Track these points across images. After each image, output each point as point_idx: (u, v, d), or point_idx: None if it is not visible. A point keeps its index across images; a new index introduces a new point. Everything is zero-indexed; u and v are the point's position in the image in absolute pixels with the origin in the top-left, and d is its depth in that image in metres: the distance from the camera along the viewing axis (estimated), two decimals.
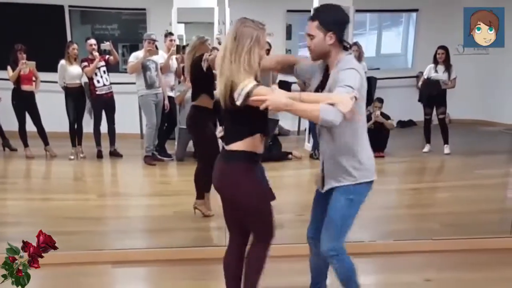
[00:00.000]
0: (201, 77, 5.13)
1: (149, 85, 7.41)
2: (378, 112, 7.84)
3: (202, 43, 5.33)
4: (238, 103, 2.74)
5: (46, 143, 7.84)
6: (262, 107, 2.66)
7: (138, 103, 7.71)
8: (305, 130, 8.62)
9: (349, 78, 2.71)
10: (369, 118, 7.34)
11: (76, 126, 7.78)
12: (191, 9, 8.26)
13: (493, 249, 4.68)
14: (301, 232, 5.17)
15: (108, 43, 7.69)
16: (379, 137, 7.54)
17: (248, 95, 2.72)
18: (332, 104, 2.60)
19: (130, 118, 8.42)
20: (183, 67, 7.97)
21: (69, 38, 8.83)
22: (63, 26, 9.13)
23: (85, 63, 7.58)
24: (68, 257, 4.15)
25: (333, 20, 2.85)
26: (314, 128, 7.90)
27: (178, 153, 7.77)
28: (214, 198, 5.35)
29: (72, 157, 7.72)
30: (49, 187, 6.97)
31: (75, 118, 7.73)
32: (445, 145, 8.11)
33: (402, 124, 10.00)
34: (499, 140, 9.04)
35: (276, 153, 7.51)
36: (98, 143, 7.79)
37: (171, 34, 7.85)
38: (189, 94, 7.50)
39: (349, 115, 2.63)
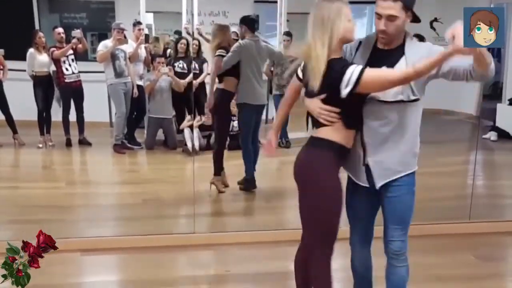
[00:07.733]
0: None
1: (118, 74, 7.44)
2: None
3: (221, 30, 5.89)
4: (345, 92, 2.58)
5: (14, 131, 7.77)
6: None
7: (107, 91, 7.73)
8: (272, 119, 8.69)
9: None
10: None
11: (44, 115, 7.73)
12: None
13: (453, 234, 4.88)
14: (270, 219, 5.31)
15: (78, 30, 7.65)
16: None
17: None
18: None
19: (99, 106, 8.39)
20: (152, 56, 8.03)
21: (37, 27, 8.76)
22: (31, 15, 9.04)
23: (54, 49, 7.56)
24: None
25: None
26: None
27: (147, 141, 7.82)
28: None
29: (40, 145, 7.68)
30: (18, 176, 6.95)
31: (43, 107, 7.67)
32: None
33: None
34: (460, 129, 9.27)
35: None
36: (67, 132, 7.75)
37: (139, 23, 7.86)
38: (158, 83, 7.62)
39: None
